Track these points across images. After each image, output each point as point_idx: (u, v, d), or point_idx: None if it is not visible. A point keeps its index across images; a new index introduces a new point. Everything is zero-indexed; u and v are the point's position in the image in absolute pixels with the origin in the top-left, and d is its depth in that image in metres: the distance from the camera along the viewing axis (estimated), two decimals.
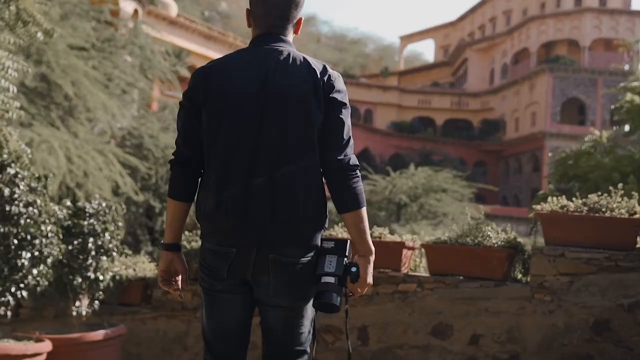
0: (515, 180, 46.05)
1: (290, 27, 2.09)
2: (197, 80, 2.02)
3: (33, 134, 15.68)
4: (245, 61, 2.01)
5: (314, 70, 2.00)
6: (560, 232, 3.99)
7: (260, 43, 2.03)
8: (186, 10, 53.37)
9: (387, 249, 4.53)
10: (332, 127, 1.99)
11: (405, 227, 24.32)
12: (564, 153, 8.01)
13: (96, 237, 4.56)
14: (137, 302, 5.39)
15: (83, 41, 18.86)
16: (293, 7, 2.06)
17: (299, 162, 1.94)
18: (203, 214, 2.00)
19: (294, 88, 1.95)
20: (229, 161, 1.94)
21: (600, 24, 44.83)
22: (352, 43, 78.88)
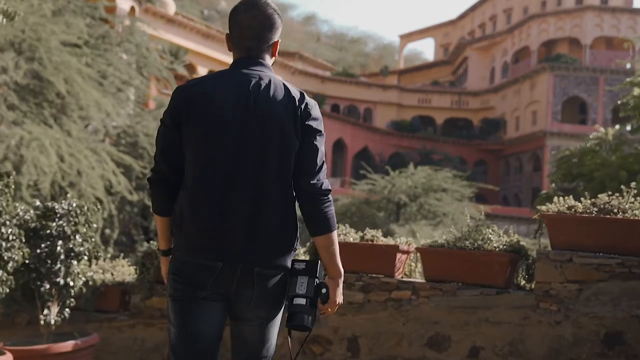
0: (515, 180, 45.72)
1: (267, 49, 2.15)
2: (179, 99, 2.06)
3: (23, 132, 15.35)
4: (227, 84, 2.05)
5: (293, 97, 2.06)
6: (567, 236, 3.65)
7: (241, 66, 2.10)
8: (185, 9, 53.10)
9: (380, 253, 4.19)
10: (307, 153, 2.05)
11: (405, 227, 24.02)
12: (568, 151, 7.66)
13: (66, 240, 4.22)
14: (115, 309, 5.05)
15: (76, 38, 18.51)
16: (268, 29, 2.12)
17: (276, 185, 2.01)
18: (181, 229, 2.02)
19: (274, 114, 2.01)
20: (209, 181, 1.99)
21: (602, 22, 44.49)
22: (352, 42, 78.63)
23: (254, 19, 2.10)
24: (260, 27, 2.11)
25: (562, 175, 7.34)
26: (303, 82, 46.56)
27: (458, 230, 4.21)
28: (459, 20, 58.82)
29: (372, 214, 26.90)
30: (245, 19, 2.11)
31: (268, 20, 2.12)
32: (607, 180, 6.48)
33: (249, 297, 2.03)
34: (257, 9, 2.11)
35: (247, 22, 2.10)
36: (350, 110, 48.93)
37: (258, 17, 2.10)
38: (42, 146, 15.23)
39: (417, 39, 63.85)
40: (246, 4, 2.12)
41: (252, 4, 2.12)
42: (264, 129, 2.00)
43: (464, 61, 53.35)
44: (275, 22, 2.14)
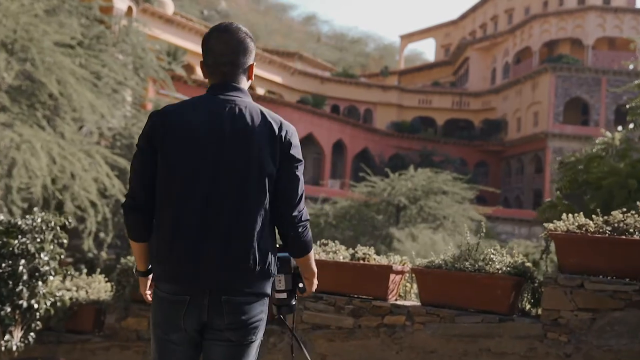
0: (517, 182, 45.36)
1: (242, 74, 2.14)
2: (155, 124, 2.05)
3: (14, 134, 15.01)
4: (202, 109, 2.04)
5: (271, 123, 2.05)
6: (578, 258, 3.29)
7: (217, 92, 2.09)
8: (185, 9, 52.76)
9: (372, 274, 3.84)
10: (288, 183, 2.06)
11: (404, 230, 23.69)
12: (573, 157, 7.28)
13: (30, 259, 3.87)
14: (88, 330, 4.71)
15: (70, 38, 18.14)
16: (242, 54, 2.12)
17: (251, 212, 1.99)
18: (156, 258, 2.04)
19: (250, 140, 2.00)
20: (183, 207, 1.98)
21: (604, 23, 44.13)
22: (353, 42, 78.31)
23: (227, 44, 2.10)
24: (233, 52, 2.10)
25: (568, 182, 6.97)
26: (303, 82, 46.23)
27: (457, 248, 3.85)
28: (460, 20, 58.47)
29: (372, 217, 26.56)
30: (218, 45, 2.10)
31: (241, 45, 2.12)
32: (616, 189, 6.11)
33: (219, 324, 2.01)
34: (229, 34, 2.11)
35: (220, 48, 2.10)
36: (350, 111, 48.58)
37: (231, 43, 2.10)
38: (33, 149, 14.89)
39: (418, 40, 63.51)
40: (217, 30, 2.12)
41: (223, 29, 2.12)
42: (239, 155, 1.99)
43: (465, 62, 53.00)
44: (248, 45, 2.14)
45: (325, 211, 27.43)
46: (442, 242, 22.94)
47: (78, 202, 17.05)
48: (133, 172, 2.08)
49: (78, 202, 17.05)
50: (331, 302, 3.93)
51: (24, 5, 16.77)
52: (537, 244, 32.17)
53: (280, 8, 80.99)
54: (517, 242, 32.52)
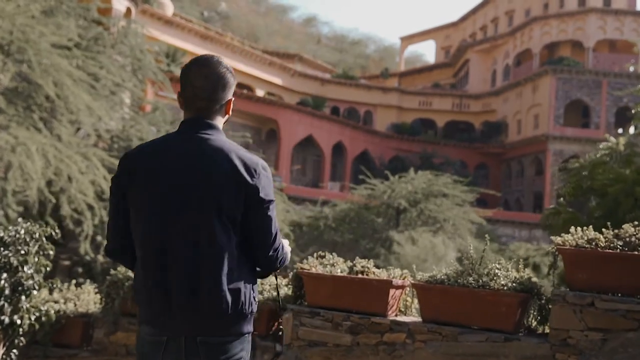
0: (517, 184, 45.19)
1: (219, 109, 2.09)
2: (123, 166, 2.04)
3: (9, 136, 14.83)
4: (170, 153, 2.01)
5: (237, 168, 1.97)
6: (588, 274, 3.12)
7: (188, 130, 2.04)
8: (185, 11, 52.58)
9: (371, 289, 3.67)
10: (259, 226, 2.02)
11: (404, 234, 23.51)
12: (577, 162, 7.10)
13: (12, 273, 3.70)
14: (76, 344, 4.53)
15: (67, 40, 17.97)
16: (220, 89, 2.07)
17: (216, 256, 1.95)
18: (137, 299, 2.05)
19: (215, 186, 1.95)
20: (153, 249, 1.97)
21: (605, 25, 43.99)
22: (353, 44, 78.18)
23: (206, 78, 2.05)
24: (212, 88, 2.05)
25: (572, 189, 6.80)
26: (303, 84, 46.07)
27: (460, 263, 3.67)
28: (460, 22, 58.34)
29: (371, 220, 26.38)
30: (197, 78, 2.05)
31: (220, 80, 2.07)
32: (622, 197, 5.95)
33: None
34: (208, 68, 2.06)
35: (199, 82, 2.05)
36: (350, 112, 48.42)
37: (209, 77, 2.05)
38: (29, 151, 14.72)
39: (418, 41, 63.38)
40: (197, 63, 2.07)
41: (203, 63, 2.07)
42: (203, 200, 1.95)
43: (465, 64, 52.85)
44: (227, 81, 2.10)
45: (324, 214, 27.25)
46: (442, 246, 22.78)
47: (75, 205, 16.89)
48: (108, 215, 2.12)
49: (75, 205, 16.89)
50: (328, 318, 3.76)
51: (20, 6, 16.60)
52: (538, 246, 32.03)
53: (280, 9, 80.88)
54: (518, 245, 32.38)
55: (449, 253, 22.51)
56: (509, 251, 30.87)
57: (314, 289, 3.89)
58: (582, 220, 6.53)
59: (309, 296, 3.96)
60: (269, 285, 4.30)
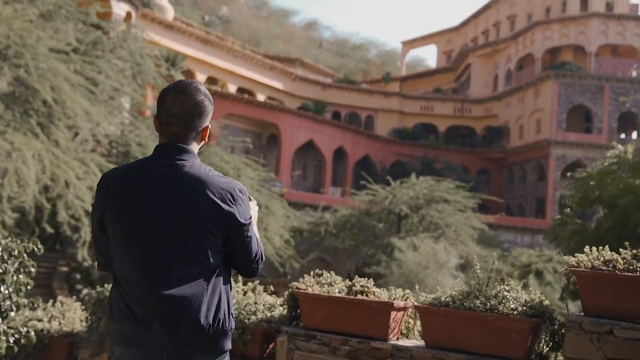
0: (519, 189, 44.94)
1: (195, 136, 2.07)
2: (99, 191, 2.04)
3: (4, 142, 14.63)
4: (149, 174, 2.00)
5: (210, 196, 1.96)
6: (605, 299, 2.89)
7: (163, 155, 2.03)
8: (186, 15, 52.47)
9: (371, 311, 3.44)
10: (242, 245, 2.04)
11: (406, 240, 23.27)
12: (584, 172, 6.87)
13: None
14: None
15: (65, 44, 17.79)
16: (196, 117, 2.05)
17: (199, 275, 1.95)
18: (113, 318, 2.01)
19: (198, 208, 1.95)
20: (130, 274, 1.97)
21: (607, 30, 43.80)
22: (354, 48, 78.06)
23: (182, 105, 2.02)
24: (188, 115, 2.02)
25: (579, 199, 6.58)
26: (304, 88, 45.90)
27: (466, 283, 3.44)
28: (462, 26, 58.17)
29: (373, 226, 26.15)
30: (174, 105, 2.02)
31: (197, 108, 2.04)
32: (632, 209, 5.71)
33: None
34: (185, 95, 2.02)
35: (175, 108, 2.02)
36: (351, 117, 48.23)
37: (186, 105, 2.02)
38: (24, 157, 14.51)
39: (420, 46, 63.23)
40: (175, 88, 2.04)
41: (181, 89, 2.04)
42: (183, 221, 1.94)
43: (466, 68, 52.67)
44: (205, 109, 2.06)
45: (325, 220, 27.02)
46: (444, 252, 22.52)
47: (72, 211, 16.70)
48: (91, 232, 2.15)
49: (72, 211, 16.70)
50: (325, 342, 3.53)
51: (18, 10, 16.42)
52: (541, 252, 31.74)
53: (282, 14, 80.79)
54: (520, 251, 32.10)
55: (451, 260, 22.27)
56: (511, 257, 30.60)
57: (311, 310, 3.66)
58: (591, 232, 6.33)
59: (304, 318, 3.73)
60: (263, 305, 4.08)
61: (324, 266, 29.76)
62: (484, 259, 26.89)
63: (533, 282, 25.28)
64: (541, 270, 28.31)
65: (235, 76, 41.36)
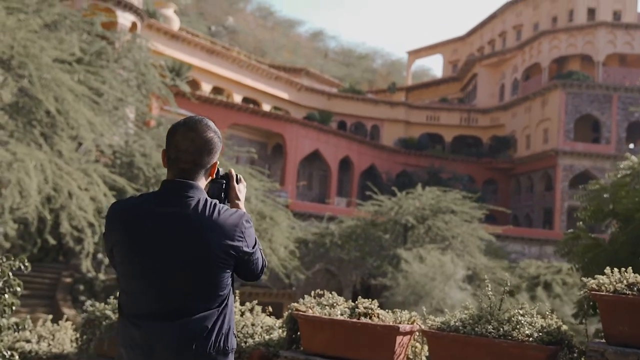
0: (526, 199, 44.59)
1: (203, 173, 2.11)
2: (107, 226, 2.07)
3: (7, 153, 14.49)
4: (153, 213, 2.02)
5: (226, 224, 2.00)
6: (630, 326, 2.66)
7: (171, 191, 2.06)
8: (192, 25, 52.57)
9: (375, 336, 3.22)
10: (249, 269, 2.10)
11: (412, 251, 23.00)
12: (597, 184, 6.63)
13: None
14: None
15: (69, 54, 17.71)
16: (205, 154, 2.08)
17: (203, 308, 1.99)
18: (121, 344, 2.05)
19: (206, 244, 1.98)
20: (138, 303, 2.01)
21: (615, 39, 43.55)
22: (360, 58, 78.08)
23: (192, 142, 2.05)
24: (197, 152, 2.06)
25: (593, 212, 6.34)
26: (309, 98, 45.80)
27: (477, 306, 3.22)
28: (468, 36, 58.04)
29: (378, 237, 25.87)
30: (183, 141, 2.05)
31: (207, 145, 2.07)
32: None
33: None
34: (195, 132, 2.06)
35: (185, 145, 2.05)
36: (357, 127, 48.06)
37: (196, 141, 2.05)
38: (27, 167, 14.38)
39: (426, 55, 63.11)
40: (185, 125, 2.07)
41: (191, 126, 2.06)
42: (190, 253, 1.97)
43: (473, 78, 52.48)
44: (214, 146, 2.10)
45: (330, 230, 26.77)
46: (451, 264, 22.23)
47: (75, 222, 16.53)
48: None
49: (75, 222, 16.53)
50: None
51: (22, 20, 16.35)
52: (549, 264, 31.37)
53: (287, 24, 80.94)
54: (528, 262, 31.75)
55: (458, 271, 21.98)
56: (519, 269, 30.26)
57: (311, 333, 3.44)
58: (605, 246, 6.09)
59: (304, 341, 3.51)
60: (261, 328, 3.86)
61: (330, 277, 29.50)
62: (491, 271, 26.62)
63: (541, 295, 24.95)
64: (550, 282, 27.95)
65: (240, 86, 41.30)
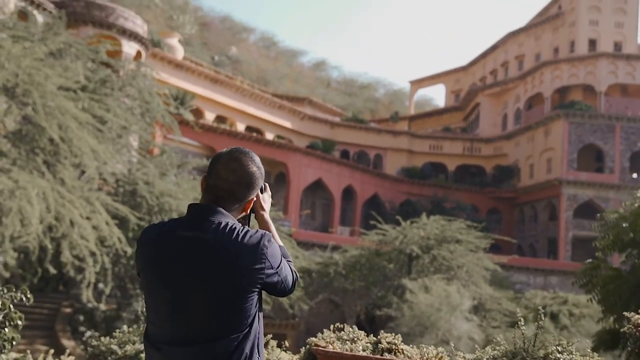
0: (530, 229, 44.28)
1: (238, 206, 2.07)
2: (137, 250, 2.08)
3: (9, 180, 14.33)
4: (175, 233, 2.00)
5: (248, 251, 1.96)
6: None
7: (195, 214, 2.02)
8: (196, 55, 52.97)
9: None
10: (275, 289, 2.05)
11: (417, 281, 22.69)
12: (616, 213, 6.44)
13: None
14: None
15: (73, 82, 17.69)
16: (244, 186, 2.05)
17: (226, 334, 1.96)
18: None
19: (233, 269, 1.94)
20: (161, 329, 1.99)
21: (616, 69, 43.76)
22: (362, 88, 78.54)
23: (233, 172, 2.03)
24: (236, 182, 2.04)
25: (612, 242, 6.15)
26: (312, 127, 45.86)
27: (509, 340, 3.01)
28: (470, 66, 58.39)
29: (383, 266, 25.58)
30: (224, 170, 2.04)
31: (247, 178, 2.04)
32: None
33: None
34: (238, 162, 2.04)
35: (225, 174, 2.03)
36: (360, 156, 48.02)
37: (237, 172, 2.03)
38: (29, 195, 14.21)
39: (428, 85, 63.42)
40: (229, 154, 2.06)
41: (235, 156, 2.05)
42: (216, 279, 1.94)
43: (475, 107, 52.61)
44: (254, 181, 2.06)
45: (334, 260, 26.49)
46: (457, 294, 21.89)
47: (76, 251, 16.30)
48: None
49: (76, 251, 16.30)
50: None
51: (27, 48, 16.36)
52: (555, 294, 30.96)
53: (290, 54, 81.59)
54: (534, 293, 31.36)
55: (465, 302, 21.64)
56: (524, 299, 29.86)
57: None
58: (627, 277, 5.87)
59: None
60: None
61: (333, 307, 29.10)
62: (497, 301, 26.28)
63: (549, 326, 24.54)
64: (556, 314, 27.55)
65: (244, 115, 41.39)
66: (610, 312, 6.15)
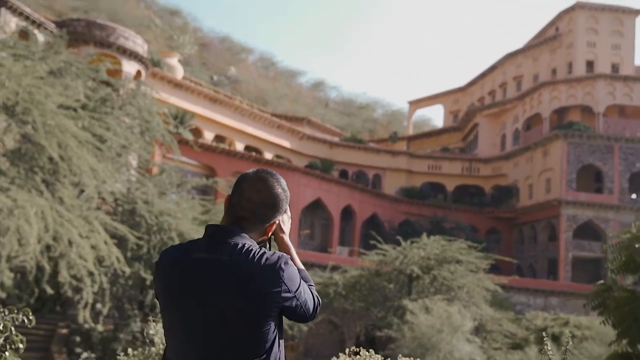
0: (530, 250, 44.11)
1: (259, 227, 2.03)
2: (155, 271, 2.04)
3: (7, 199, 14.19)
4: (191, 255, 1.96)
5: (265, 274, 1.90)
6: None
7: (212, 236, 1.98)
8: (195, 75, 53.14)
9: None
10: (294, 313, 2.00)
11: (418, 302, 22.46)
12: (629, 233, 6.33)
13: None
14: None
15: (73, 101, 17.64)
16: (268, 207, 2.01)
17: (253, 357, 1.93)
18: None
19: (235, 289, 1.89)
20: (179, 353, 1.97)
21: (614, 91, 43.98)
22: (361, 108, 78.80)
23: (257, 192, 2.00)
24: (259, 203, 2.00)
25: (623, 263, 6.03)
26: (311, 147, 45.85)
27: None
28: (469, 87, 58.65)
29: (383, 287, 25.35)
30: (249, 190, 2.01)
31: (271, 199, 2.01)
32: None
33: None
34: (264, 183, 2.01)
35: (249, 193, 2.00)
36: (358, 176, 47.96)
37: (262, 193, 2.00)
38: (27, 215, 14.06)
39: (426, 106, 63.62)
40: (255, 174, 2.04)
41: (261, 176, 2.02)
42: (221, 308, 1.90)
43: (474, 127, 52.72)
44: (279, 202, 2.02)
45: (334, 280, 26.24)
46: (459, 315, 21.66)
47: (74, 271, 16.10)
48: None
49: (74, 271, 16.10)
50: None
51: (27, 67, 16.33)
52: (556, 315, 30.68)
53: (289, 74, 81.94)
54: (534, 314, 31.07)
55: (466, 323, 21.40)
56: (525, 321, 29.59)
57: None
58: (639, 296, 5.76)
59: None
60: None
61: (332, 328, 28.78)
62: (498, 322, 26.02)
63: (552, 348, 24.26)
64: (558, 335, 27.28)
65: (243, 134, 41.38)
66: (625, 336, 6.02)
